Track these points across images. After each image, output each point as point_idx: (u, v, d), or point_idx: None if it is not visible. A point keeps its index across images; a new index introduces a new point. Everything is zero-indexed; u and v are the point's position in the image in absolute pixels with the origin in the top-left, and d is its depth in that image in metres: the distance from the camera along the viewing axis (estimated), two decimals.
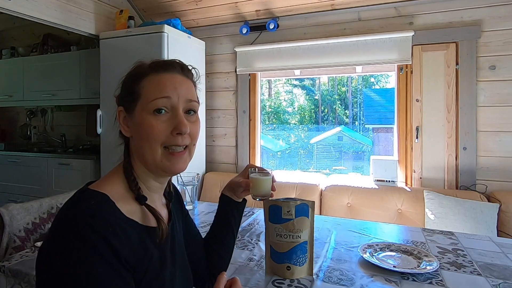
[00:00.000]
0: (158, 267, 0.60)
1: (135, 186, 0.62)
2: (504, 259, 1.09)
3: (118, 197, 0.57)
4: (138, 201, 0.61)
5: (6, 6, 2.09)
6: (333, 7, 2.49)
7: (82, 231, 0.49)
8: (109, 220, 0.52)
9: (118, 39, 2.55)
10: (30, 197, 2.96)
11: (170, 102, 0.61)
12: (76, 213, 0.52)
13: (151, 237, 0.60)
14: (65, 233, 0.50)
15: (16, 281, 1.04)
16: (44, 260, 0.50)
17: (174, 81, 0.63)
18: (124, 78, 0.67)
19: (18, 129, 3.93)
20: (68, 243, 0.49)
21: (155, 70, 0.64)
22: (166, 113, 0.61)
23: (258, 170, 0.86)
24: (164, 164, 0.61)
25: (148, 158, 0.61)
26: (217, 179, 2.71)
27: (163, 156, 0.61)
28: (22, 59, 3.62)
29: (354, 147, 8.56)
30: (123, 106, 0.64)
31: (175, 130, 0.61)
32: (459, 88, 2.21)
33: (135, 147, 0.64)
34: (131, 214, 0.58)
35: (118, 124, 0.66)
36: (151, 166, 0.62)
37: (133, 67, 0.67)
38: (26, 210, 1.27)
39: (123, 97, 0.65)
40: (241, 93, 2.85)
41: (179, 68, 0.66)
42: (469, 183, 2.19)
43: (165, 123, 0.61)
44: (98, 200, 0.54)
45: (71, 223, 0.51)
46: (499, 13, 2.14)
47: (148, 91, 0.62)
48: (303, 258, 0.95)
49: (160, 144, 0.61)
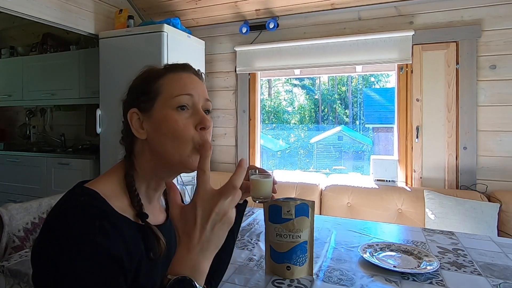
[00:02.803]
0: (149, 266, 0.60)
1: (137, 202, 0.61)
2: (504, 259, 1.08)
3: (110, 194, 0.58)
4: (139, 217, 0.61)
5: (5, 5, 2.08)
6: (333, 6, 2.49)
7: (69, 226, 0.50)
8: (96, 215, 0.52)
9: (117, 38, 2.55)
10: (30, 197, 2.95)
11: (192, 99, 0.62)
12: (65, 209, 0.53)
13: (143, 235, 0.60)
14: (54, 228, 0.51)
15: (15, 281, 1.03)
16: (35, 253, 0.52)
17: (193, 80, 0.65)
18: (133, 82, 0.67)
19: (17, 128, 3.93)
20: (55, 237, 0.50)
21: (172, 70, 0.65)
22: (187, 110, 0.62)
23: (259, 171, 0.85)
24: (193, 160, 0.60)
25: (172, 154, 0.60)
26: (217, 178, 2.67)
27: (193, 153, 0.60)
28: (22, 58, 3.61)
29: (354, 147, 8.57)
30: (136, 107, 0.63)
31: (199, 125, 0.61)
32: (459, 87, 2.21)
33: (151, 146, 0.62)
34: (123, 211, 0.58)
35: (122, 129, 0.66)
36: (174, 163, 0.61)
37: (143, 71, 0.67)
38: (25, 210, 1.27)
39: (135, 98, 0.64)
40: (241, 92, 2.85)
41: (192, 69, 0.68)
42: (469, 183, 2.19)
43: (187, 119, 0.61)
44: (87, 196, 0.55)
45: (59, 218, 0.52)
46: (500, 12, 2.13)
47: (170, 87, 0.62)
48: (303, 258, 0.94)
49: (192, 140, 0.60)
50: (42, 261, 0.50)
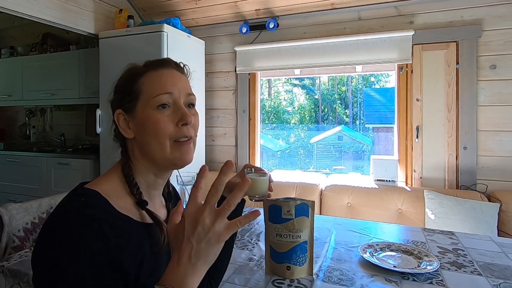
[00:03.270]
0: (153, 264, 0.60)
1: (137, 190, 0.62)
2: (504, 259, 1.08)
3: (112, 194, 0.58)
4: (139, 205, 0.61)
5: (5, 5, 2.08)
6: (333, 6, 2.49)
7: (70, 228, 0.50)
8: (96, 216, 0.52)
9: (117, 38, 2.55)
10: (29, 196, 2.95)
11: (172, 97, 0.63)
12: (65, 211, 0.54)
13: (147, 233, 0.61)
14: (54, 229, 0.52)
15: (15, 281, 1.03)
16: (35, 254, 0.52)
17: (173, 76, 0.65)
18: (117, 82, 0.67)
19: (17, 128, 3.92)
20: (55, 239, 0.50)
21: (151, 67, 0.65)
22: (169, 107, 0.62)
23: (255, 170, 0.85)
24: (175, 156, 0.62)
25: (156, 153, 0.62)
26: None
27: (172, 148, 0.62)
28: (21, 58, 3.61)
29: (354, 147, 8.57)
30: (121, 108, 0.64)
31: (180, 121, 0.62)
32: (459, 87, 2.21)
33: (139, 145, 0.64)
34: (126, 211, 0.58)
35: (114, 128, 0.66)
36: (160, 161, 0.63)
37: (125, 70, 0.67)
38: (25, 210, 1.27)
39: (119, 99, 0.65)
40: (241, 92, 2.85)
41: (173, 64, 0.68)
42: (469, 182, 2.19)
43: (169, 117, 0.62)
44: (88, 197, 0.55)
45: (60, 220, 0.52)
46: (500, 12, 2.13)
47: (149, 87, 0.63)
48: (303, 258, 0.94)
49: (169, 137, 0.61)
50: (43, 262, 0.50)
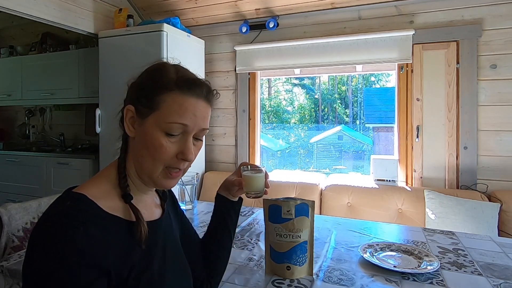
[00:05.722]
0: (145, 262, 0.60)
1: (124, 183, 0.62)
2: (505, 259, 1.08)
3: (99, 195, 0.57)
4: (124, 198, 0.61)
5: (4, 4, 2.08)
6: (333, 5, 2.48)
7: (54, 233, 0.50)
8: (81, 219, 0.52)
9: (117, 38, 2.54)
10: (29, 196, 2.95)
11: (185, 128, 0.61)
12: (50, 216, 0.53)
13: (136, 232, 0.60)
14: (39, 236, 0.51)
15: (14, 281, 1.03)
16: (24, 264, 0.52)
17: (196, 108, 0.62)
18: (142, 79, 0.64)
19: (16, 128, 3.92)
20: (40, 246, 0.50)
21: (181, 88, 0.61)
22: (177, 136, 0.61)
23: (251, 167, 0.86)
24: (160, 180, 0.62)
25: (145, 170, 0.62)
26: (217, 178, 2.70)
27: (162, 174, 0.62)
28: (21, 58, 3.60)
29: (354, 147, 8.56)
30: (134, 107, 0.62)
31: (180, 155, 0.61)
32: (459, 87, 2.21)
33: (135, 149, 0.63)
34: (114, 210, 0.58)
35: (120, 116, 0.65)
36: (144, 176, 0.63)
37: (156, 70, 0.63)
38: (24, 210, 1.26)
39: (137, 98, 0.62)
40: (240, 92, 2.85)
41: (205, 92, 0.64)
42: (470, 182, 2.18)
43: (173, 144, 0.61)
44: (73, 201, 0.55)
45: (45, 227, 0.52)
46: (500, 11, 2.13)
47: (168, 110, 0.60)
48: (303, 258, 0.94)
49: (163, 163, 0.61)
50: (30, 271, 0.50)
